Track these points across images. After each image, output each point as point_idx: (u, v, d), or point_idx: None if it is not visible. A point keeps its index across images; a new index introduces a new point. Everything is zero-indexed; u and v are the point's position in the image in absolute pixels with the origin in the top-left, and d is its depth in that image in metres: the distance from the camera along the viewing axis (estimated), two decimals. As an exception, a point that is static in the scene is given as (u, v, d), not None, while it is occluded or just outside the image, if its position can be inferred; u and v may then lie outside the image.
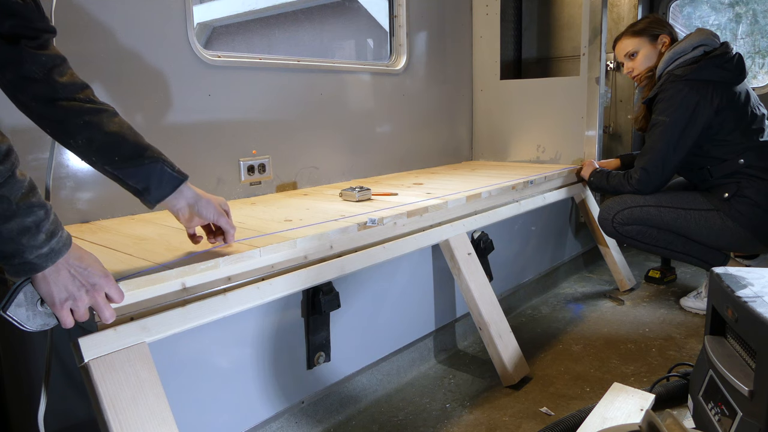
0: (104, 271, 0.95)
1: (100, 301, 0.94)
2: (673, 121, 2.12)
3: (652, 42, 2.30)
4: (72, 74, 1.07)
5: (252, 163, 2.08)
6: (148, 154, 1.10)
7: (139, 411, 1.03)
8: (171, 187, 1.13)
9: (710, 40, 2.16)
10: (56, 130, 1.05)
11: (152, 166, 1.10)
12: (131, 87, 1.73)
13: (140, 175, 1.09)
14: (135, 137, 1.10)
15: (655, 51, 2.30)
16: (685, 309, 2.39)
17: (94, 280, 0.93)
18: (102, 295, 0.94)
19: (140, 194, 1.12)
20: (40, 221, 0.83)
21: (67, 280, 0.89)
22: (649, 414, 0.99)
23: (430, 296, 1.98)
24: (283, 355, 1.48)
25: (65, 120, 1.04)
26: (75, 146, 1.06)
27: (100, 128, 1.06)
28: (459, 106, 3.09)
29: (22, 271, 0.85)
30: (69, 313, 0.91)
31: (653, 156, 2.19)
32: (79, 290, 0.91)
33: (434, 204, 1.80)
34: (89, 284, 0.92)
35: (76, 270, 0.90)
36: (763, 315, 1.11)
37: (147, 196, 1.11)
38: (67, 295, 0.90)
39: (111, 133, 1.06)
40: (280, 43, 5.75)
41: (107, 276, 0.95)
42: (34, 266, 0.84)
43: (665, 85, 2.17)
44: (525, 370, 1.86)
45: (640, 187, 2.25)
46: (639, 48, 2.32)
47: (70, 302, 0.90)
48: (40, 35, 1.00)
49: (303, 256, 1.39)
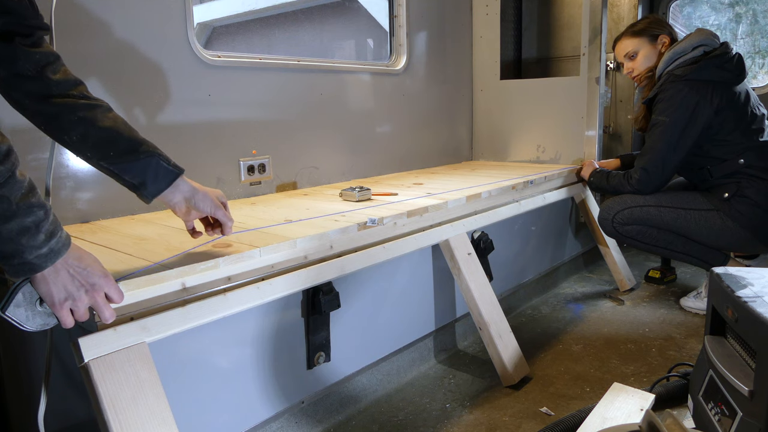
0: (104, 271, 0.95)
1: (100, 301, 0.94)
2: (673, 121, 2.12)
3: (651, 42, 2.30)
4: (65, 71, 1.06)
5: (252, 163, 2.08)
6: (144, 148, 1.10)
7: (139, 411, 1.03)
8: (167, 181, 1.13)
9: (710, 40, 2.16)
10: (50, 127, 1.05)
11: (148, 160, 1.09)
12: (131, 87, 1.73)
13: (136, 169, 1.09)
14: (130, 132, 1.10)
15: (655, 51, 2.30)
16: (685, 309, 2.39)
17: (94, 280, 0.93)
18: (101, 295, 0.94)
19: (136, 189, 1.11)
20: (40, 221, 0.83)
21: (67, 280, 0.89)
22: (649, 414, 0.98)
23: (430, 296, 1.98)
24: (283, 355, 1.48)
25: (59, 116, 1.03)
26: (70, 142, 1.06)
27: (94, 124, 1.05)
28: (459, 106, 3.09)
29: (22, 271, 0.85)
30: (69, 313, 0.91)
31: (653, 156, 2.19)
32: (78, 290, 0.91)
33: (434, 204, 1.80)
34: (89, 284, 0.92)
35: (75, 270, 0.90)
36: (763, 315, 1.11)
37: (143, 191, 1.11)
38: (66, 295, 0.90)
39: (105, 128, 1.06)
40: (280, 43, 5.75)
41: (107, 276, 0.95)
42: (33, 266, 0.84)
43: (665, 85, 2.17)
44: (525, 370, 1.86)
45: (640, 187, 2.25)
46: (639, 48, 2.32)
47: (70, 302, 0.90)
48: (33, 32, 0.99)
49: (303, 256, 1.39)
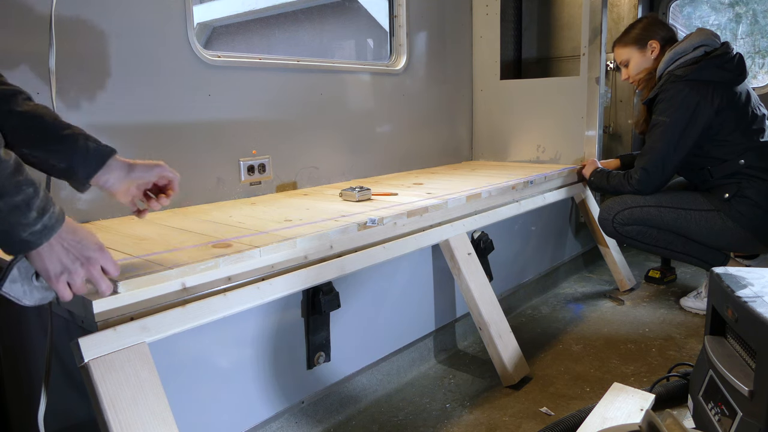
0: (99, 243, 0.94)
1: (96, 274, 0.94)
2: (674, 122, 2.12)
3: (641, 49, 2.31)
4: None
5: (252, 163, 2.08)
6: (69, 132, 1.04)
7: (139, 411, 1.03)
8: (98, 162, 1.06)
9: (711, 40, 2.16)
10: None
11: (74, 142, 1.03)
12: (131, 87, 1.73)
13: (63, 152, 1.02)
14: (53, 116, 1.04)
15: (645, 57, 2.31)
16: (685, 309, 2.39)
17: (89, 253, 0.92)
18: (97, 268, 0.94)
19: (68, 175, 1.05)
20: (30, 199, 0.82)
21: (62, 254, 0.89)
22: (649, 414, 0.99)
23: (430, 296, 1.98)
24: (283, 355, 1.48)
25: None
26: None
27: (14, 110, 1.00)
28: (459, 106, 3.09)
29: (18, 249, 0.85)
30: (66, 286, 0.91)
31: (653, 156, 2.19)
32: (74, 263, 0.90)
33: (434, 204, 1.80)
34: (84, 257, 0.91)
35: (69, 244, 0.90)
36: (763, 315, 1.11)
37: (75, 176, 1.05)
38: (62, 269, 0.89)
39: (27, 114, 1.01)
40: (280, 43, 5.75)
41: (101, 249, 0.95)
42: (28, 244, 0.84)
43: (665, 86, 2.17)
44: (525, 370, 1.86)
45: (640, 187, 2.25)
46: (629, 57, 2.34)
47: (66, 276, 0.90)
48: None
49: (303, 256, 1.39)
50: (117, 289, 1.06)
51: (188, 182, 1.91)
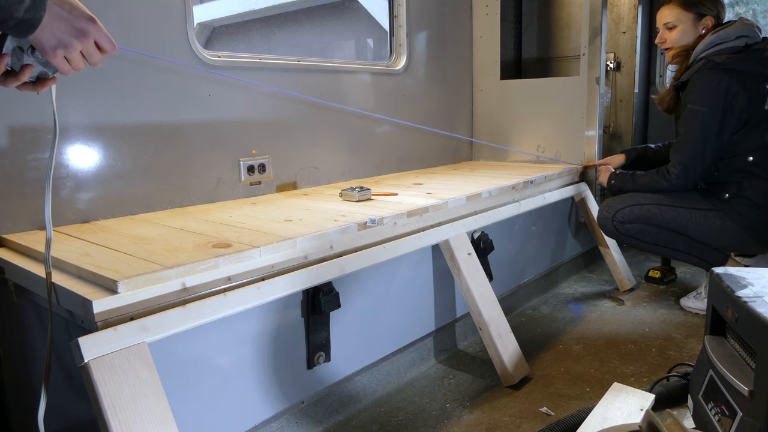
0: (89, 15, 0.93)
1: (90, 48, 0.93)
2: (712, 111, 2.04)
3: (695, 20, 2.17)
4: None
5: (252, 163, 2.08)
6: None
7: (139, 411, 1.03)
8: None
9: (753, 32, 2.09)
10: None
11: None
12: (131, 87, 1.73)
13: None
14: None
15: (695, 31, 2.17)
16: (685, 309, 2.39)
17: (81, 24, 0.91)
18: (92, 42, 0.93)
19: None
20: None
21: (53, 26, 0.87)
22: (649, 414, 0.99)
23: (430, 296, 1.98)
24: (283, 355, 1.48)
25: None
26: None
27: None
28: (459, 106, 3.09)
29: (22, 30, 0.83)
30: (64, 60, 0.90)
31: (692, 147, 2.10)
32: (68, 37, 0.89)
33: (434, 204, 1.80)
34: (77, 30, 0.90)
35: (58, 14, 0.88)
36: (763, 315, 1.11)
37: None
38: (57, 42, 0.88)
39: None
40: (280, 43, 5.75)
41: (94, 20, 0.93)
42: (29, 22, 0.82)
43: (701, 72, 2.08)
44: (525, 370, 1.86)
45: (680, 181, 2.15)
46: (680, 22, 2.18)
47: (62, 50, 0.89)
48: None
49: (303, 256, 1.39)
50: (117, 289, 1.06)
51: (188, 182, 1.91)
